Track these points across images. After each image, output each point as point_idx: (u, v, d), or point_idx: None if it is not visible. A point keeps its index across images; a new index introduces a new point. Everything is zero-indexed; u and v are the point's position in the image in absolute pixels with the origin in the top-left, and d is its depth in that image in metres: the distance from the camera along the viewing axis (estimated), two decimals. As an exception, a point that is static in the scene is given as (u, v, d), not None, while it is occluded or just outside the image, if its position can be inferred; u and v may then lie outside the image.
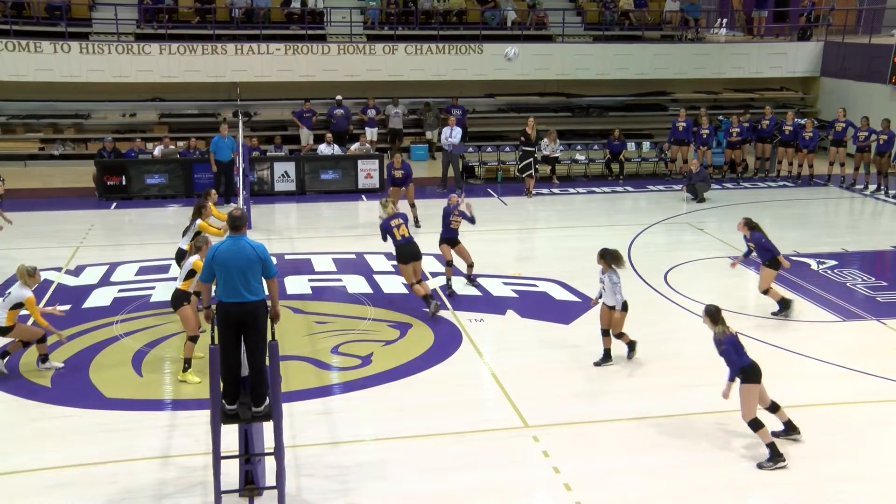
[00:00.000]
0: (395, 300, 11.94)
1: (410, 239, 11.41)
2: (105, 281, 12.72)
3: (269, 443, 6.93)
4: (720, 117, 21.99)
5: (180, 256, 11.07)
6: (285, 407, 7.12)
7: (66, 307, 11.06)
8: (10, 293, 9.48)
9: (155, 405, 8.90)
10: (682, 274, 13.22)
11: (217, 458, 6.54)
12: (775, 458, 7.70)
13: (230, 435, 6.84)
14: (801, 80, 24.73)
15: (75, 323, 11.00)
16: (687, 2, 25.13)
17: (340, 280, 12.82)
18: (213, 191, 12.62)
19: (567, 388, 9.29)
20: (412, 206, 15.81)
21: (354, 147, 19.78)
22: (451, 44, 22.17)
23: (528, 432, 8.31)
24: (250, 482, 7.03)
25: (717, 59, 23.77)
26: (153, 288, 12.31)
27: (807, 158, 19.79)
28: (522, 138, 18.63)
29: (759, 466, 7.70)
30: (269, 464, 6.93)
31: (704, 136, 19.91)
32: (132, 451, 7.88)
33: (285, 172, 18.64)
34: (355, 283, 12.62)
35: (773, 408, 8.07)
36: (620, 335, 9.91)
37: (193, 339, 9.38)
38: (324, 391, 9.18)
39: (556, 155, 19.91)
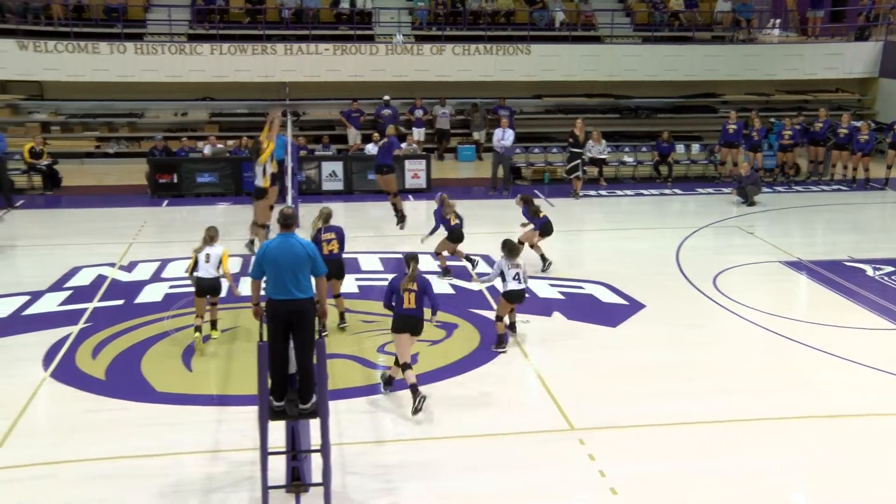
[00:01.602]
0: (442, 300, 11.95)
1: (338, 256, 10.74)
2: (156, 277, 12.96)
3: (315, 439, 7.00)
4: (772, 119, 21.61)
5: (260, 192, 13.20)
6: (331, 404, 7.17)
7: None
8: None
9: (204, 400, 9.04)
10: (732, 278, 13.01)
11: (264, 453, 6.61)
12: (384, 381, 9.06)
13: (277, 431, 6.91)
14: (859, 81, 24.18)
15: (128, 318, 11.24)
16: (739, 2, 24.73)
17: (387, 279, 12.85)
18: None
19: (613, 392, 9.20)
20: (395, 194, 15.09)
21: (401, 147, 19.85)
22: (499, 44, 22.15)
23: (573, 435, 8.26)
24: (297, 479, 7.10)
25: (770, 60, 23.36)
26: (203, 284, 12.49)
27: (862, 161, 19.33)
28: (570, 139, 18.54)
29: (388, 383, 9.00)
30: (315, 461, 7.00)
31: (755, 138, 19.57)
32: (182, 445, 8.03)
33: (333, 172, 18.81)
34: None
35: (405, 367, 8.77)
36: (499, 318, 10.30)
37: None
38: (369, 390, 9.24)
39: (604, 156, 19.76)
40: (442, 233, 12.94)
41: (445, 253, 13.01)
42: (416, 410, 8.58)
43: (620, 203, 18.49)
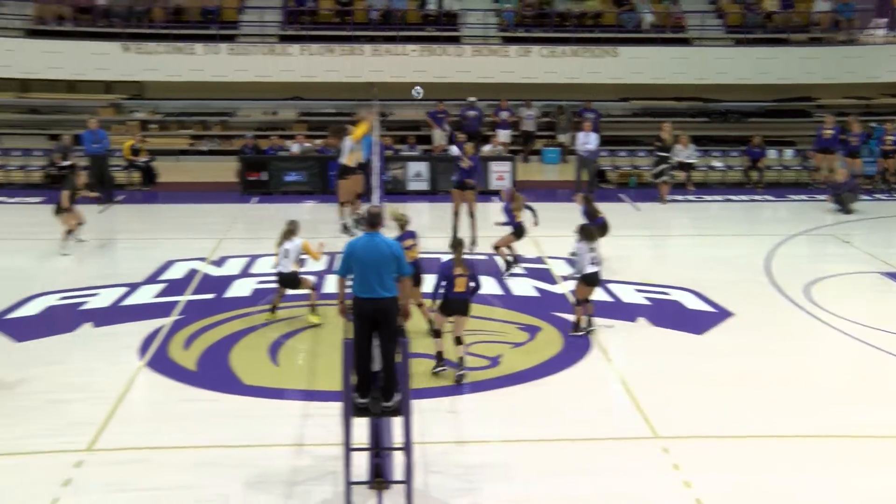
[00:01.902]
0: (526, 302, 11.93)
1: (418, 263, 10.59)
2: (245, 272, 13.31)
3: (398, 437, 7.06)
4: (872, 124, 20.75)
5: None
6: (416, 403, 7.23)
7: None
8: None
9: (290, 394, 9.22)
10: (826, 288, 12.56)
11: (347, 449, 6.71)
12: (438, 361, 9.43)
13: (361, 428, 7.01)
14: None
15: (217, 311, 11.58)
16: (840, 2, 23.81)
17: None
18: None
19: (700, 400, 8.99)
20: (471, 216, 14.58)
21: (486, 149, 19.87)
22: (586, 46, 21.94)
23: (657, 443, 8.11)
24: (379, 475, 7.17)
25: (872, 61, 22.41)
26: (290, 281, 12.76)
27: (973, 169, 18.41)
28: (657, 143, 18.23)
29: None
30: (398, 458, 7.07)
31: (854, 143, 18.83)
32: (268, 438, 8.19)
33: (419, 172, 18.97)
34: (485, 284, 12.64)
35: (458, 341, 9.38)
36: (579, 303, 10.63)
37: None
38: (452, 390, 9.26)
39: (692, 161, 19.35)
40: (506, 228, 13.09)
41: (505, 249, 13.11)
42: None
43: (709, 208, 18.08)
